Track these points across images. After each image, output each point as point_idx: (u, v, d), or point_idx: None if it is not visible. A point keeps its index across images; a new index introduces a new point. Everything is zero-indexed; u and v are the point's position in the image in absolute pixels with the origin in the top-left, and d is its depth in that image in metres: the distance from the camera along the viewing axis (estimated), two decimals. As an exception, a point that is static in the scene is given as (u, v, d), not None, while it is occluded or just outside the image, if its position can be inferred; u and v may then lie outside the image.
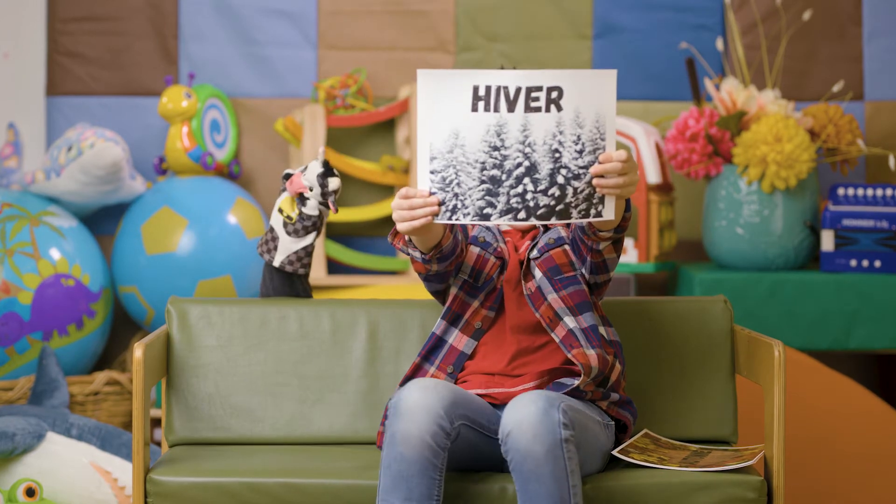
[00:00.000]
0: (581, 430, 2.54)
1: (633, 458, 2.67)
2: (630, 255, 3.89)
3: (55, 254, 3.80)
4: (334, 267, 4.15)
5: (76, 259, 3.84)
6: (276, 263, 2.99)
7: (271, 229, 3.00)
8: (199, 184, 4.01)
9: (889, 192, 3.79)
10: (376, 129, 4.17)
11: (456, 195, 2.45)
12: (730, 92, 3.85)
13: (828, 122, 3.81)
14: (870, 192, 3.80)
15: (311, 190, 2.98)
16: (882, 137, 4.14)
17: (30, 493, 3.28)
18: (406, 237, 2.62)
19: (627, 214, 2.59)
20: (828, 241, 3.79)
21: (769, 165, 3.73)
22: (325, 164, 2.99)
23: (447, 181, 2.45)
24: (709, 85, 3.90)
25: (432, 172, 2.45)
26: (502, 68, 2.95)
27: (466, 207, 2.45)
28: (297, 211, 2.99)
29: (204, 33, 4.17)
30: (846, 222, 3.79)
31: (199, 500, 2.62)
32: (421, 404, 2.48)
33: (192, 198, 3.95)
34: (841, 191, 3.82)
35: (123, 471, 3.44)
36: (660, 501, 2.60)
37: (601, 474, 2.63)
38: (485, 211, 2.45)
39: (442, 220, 2.46)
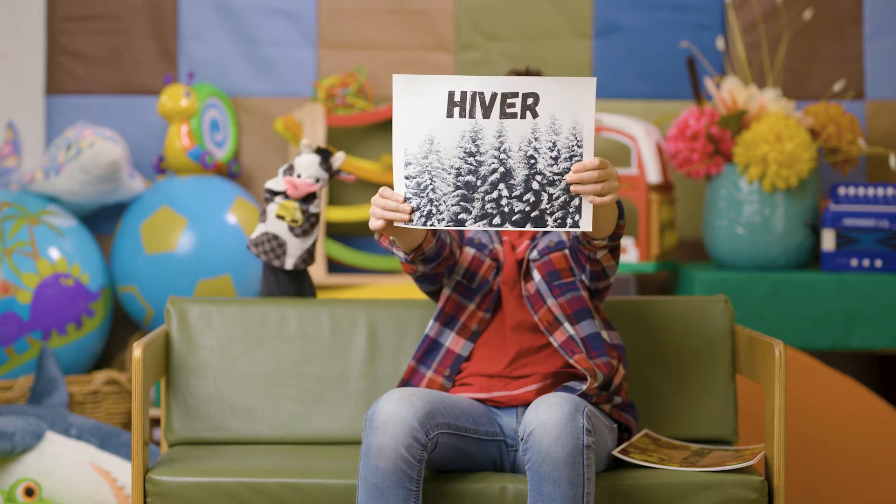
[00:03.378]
0: (595, 434, 2.54)
1: (633, 458, 2.66)
2: (630, 254, 3.88)
3: (54, 253, 3.80)
4: (334, 267, 4.14)
5: (75, 258, 3.83)
6: (290, 266, 3.01)
7: (274, 237, 2.99)
8: (198, 183, 4.00)
9: (890, 191, 3.79)
10: (376, 129, 4.17)
11: (431, 200, 2.44)
12: (730, 91, 3.84)
13: (829, 121, 3.81)
14: (871, 191, 3.80)
15: (317, 181, 2.99)
16: (883, 137, 4.14)
17: (29, 492, 3.27)
18: (391, 237, 2.62)
19: (621, 222, 2.58)
20: (828, 240, 3.79)
21: (770, 165, 3.72)
22: (319, 150, 3.00)
23: (422, 186, 2.44)
24: (709, 84, 3.89)
25: (407, 178, 2.45)
26: (516, 72, 2.92)
27: (441, 213, 2.44)
28: (299, 213, 2.99)
29: (203, 32, 4.17)
30: (847, 222, 3.78)
31: (198, 500, 2.62)
32: (396, 417, 2.47)
33: (191, 197, 3.94)
34: (842, 190, 3.82)
35: (123, 471, 3.44)
36: (660, 501, 2.59)
37: (602, 474, 2.63)
38: (460, 216, 2.44)
39: (417, 225, 2.45)
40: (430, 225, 2.44)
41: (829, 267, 3.79)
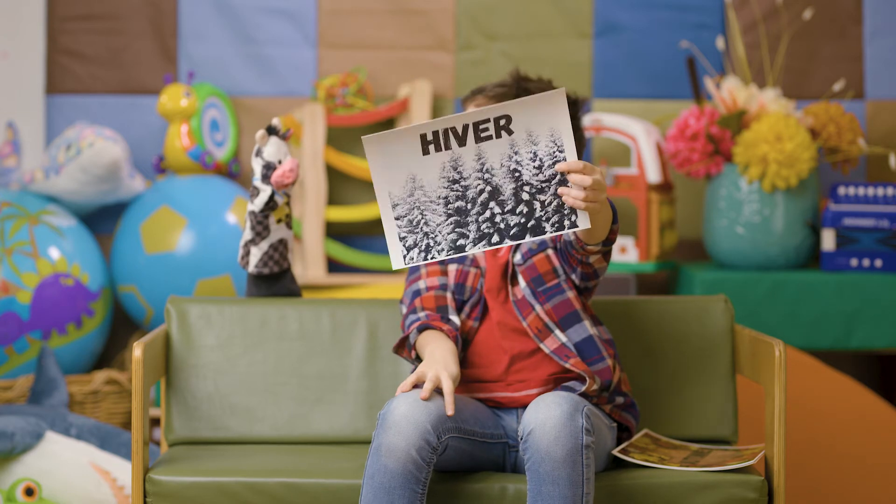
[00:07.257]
0: (595, 434, 2.53)
1: (633, 457, 2.66)
2: (630, 254, 3.88)
3: (54, 253, 3.80)
4: (334, 266, 4.14)
5: (75, 258, 3.83)
6: (291, 259, 3.02)
7: (280, 242, 2.98)
8: (198, 183, 4.00)
9: (890, 191, 3.79)
10: (376, 128, 4.17)
11: (426, 234, 2.46)
12: (730, 91, 3.84)
13: (829, 120, 3.81)
14: (871, 191, 3.80)
15: (290, 155, 2.99)
16: (883, 136, 4.14)
17: (29, 492, 3.27)
18: (413, 354, 2.70)
19: (615, 227, 2.58)
20: (828, 240, 3.79)
21: (770, 164, 3.72)
22: (269, 131, 2.97)
23: (414, 223, 2.46)
24: (709, 84, 3.89)
25: (397, 219, 2.47)
26: (525, 77, 2.91)
27: (440, 244, 2.46)
28: (287, 206, 2.98)
29: (203, 32, 4.17)
30: (847, 221, 3.78)
31: (198, 500, 2.62)
32: (409, 418, 2.46)
33: (191, 197, 3.95)
34: (842, 190, 3.82)
35: (123, 470, 3.44)
36: (660, 501, 2.59)
37: (602, 474, 2.63)
38: (458, 243, 2.46)
39: (418, 261, 2.47)
40: (431, 258, 2.47)
41: (829, 267, 3.79)
